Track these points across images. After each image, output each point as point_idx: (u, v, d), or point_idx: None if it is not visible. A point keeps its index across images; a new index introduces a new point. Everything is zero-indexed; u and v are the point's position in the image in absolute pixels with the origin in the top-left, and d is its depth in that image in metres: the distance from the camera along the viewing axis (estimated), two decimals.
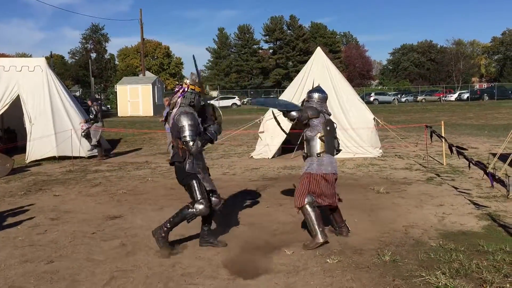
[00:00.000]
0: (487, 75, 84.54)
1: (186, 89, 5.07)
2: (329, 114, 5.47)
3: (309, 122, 5.27)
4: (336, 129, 5.47)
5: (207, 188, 5.02)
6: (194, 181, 4.94)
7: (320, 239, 4.95)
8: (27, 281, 4.29)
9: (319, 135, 5.25)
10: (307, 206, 5.08)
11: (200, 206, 4.88)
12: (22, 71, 12.78)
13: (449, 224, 5.71)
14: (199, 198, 4.89)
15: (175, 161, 5.05)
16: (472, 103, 44.69)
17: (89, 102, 13.31)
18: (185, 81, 5.21)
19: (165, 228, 4.93)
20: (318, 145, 5.27)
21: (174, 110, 5.03)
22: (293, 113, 5.29)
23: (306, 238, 5.24)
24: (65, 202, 7.51)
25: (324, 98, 5.48)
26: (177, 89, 5.18)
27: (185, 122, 4.82)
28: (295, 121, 5.39)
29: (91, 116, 12.44)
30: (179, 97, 5.05)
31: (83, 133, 12.25)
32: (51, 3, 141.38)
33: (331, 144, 5.34)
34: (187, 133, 4.80)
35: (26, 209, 7.06)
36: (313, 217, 5.04)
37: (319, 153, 5.24)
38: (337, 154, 5.50)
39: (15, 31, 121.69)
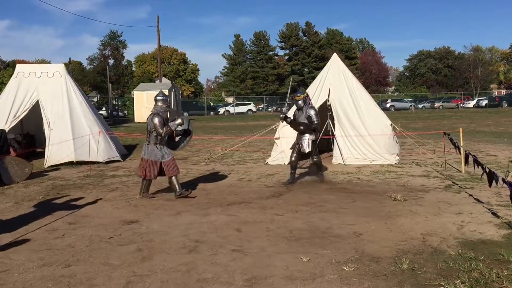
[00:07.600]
0: (506, 81, 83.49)
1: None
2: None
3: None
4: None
5: None
6: None
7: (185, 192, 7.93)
8: (45, 285, 4.33)
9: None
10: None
11: None
12: (41, 77, 12.95)
13: (468, 233, 5.61)
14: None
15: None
16: (491, 110, 44.12)
17: None
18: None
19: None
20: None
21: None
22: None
23: (324, 245, 5.22)
24: (83, 206, 7.58)
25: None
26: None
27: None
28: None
29: None
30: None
31: None
32: (71, 10, 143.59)
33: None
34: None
35: (44, 213, 7.13)
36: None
37: None
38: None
39: (35, 38, 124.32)
